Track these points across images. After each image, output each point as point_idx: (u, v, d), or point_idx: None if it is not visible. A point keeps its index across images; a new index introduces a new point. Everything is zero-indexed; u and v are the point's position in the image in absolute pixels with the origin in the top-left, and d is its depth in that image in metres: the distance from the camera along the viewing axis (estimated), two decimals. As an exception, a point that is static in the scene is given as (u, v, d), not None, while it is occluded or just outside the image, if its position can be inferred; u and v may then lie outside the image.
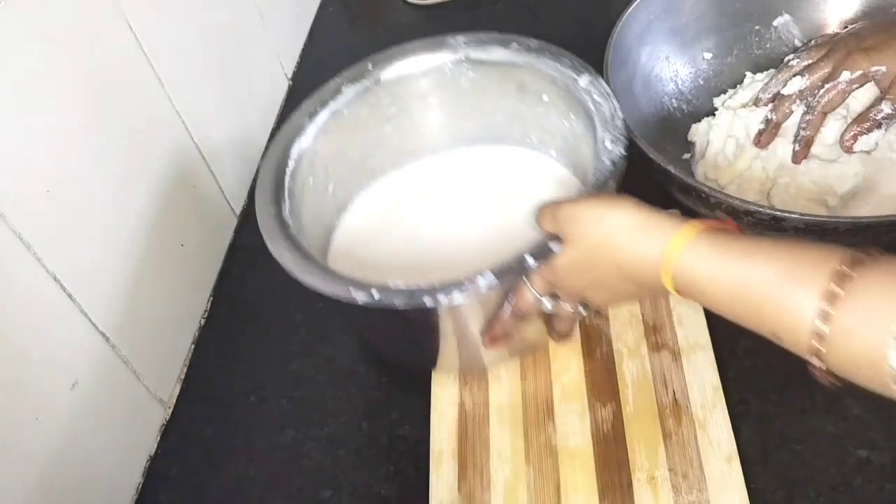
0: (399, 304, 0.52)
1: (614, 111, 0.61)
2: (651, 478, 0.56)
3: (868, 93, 0.66)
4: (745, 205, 0.58)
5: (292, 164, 0.65)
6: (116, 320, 0.62)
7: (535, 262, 0.52)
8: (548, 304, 0.55)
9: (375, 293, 0.53)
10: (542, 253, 0.53)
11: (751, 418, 0.58)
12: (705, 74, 0.79)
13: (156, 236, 0.67)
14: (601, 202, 0.51)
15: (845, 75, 0.65)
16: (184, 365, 0.71)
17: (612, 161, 0.58)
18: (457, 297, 0.52)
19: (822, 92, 0.66)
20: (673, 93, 0.78)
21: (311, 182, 0.67)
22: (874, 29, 0.66)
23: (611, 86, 0.64)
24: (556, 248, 0.52)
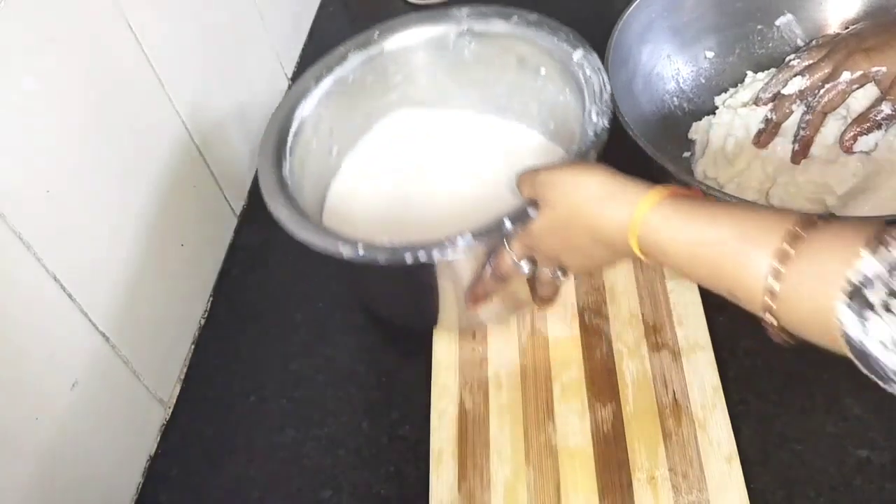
0: (381, 259, 0.55)
1: (603, 85, 0.63)
2: (651, 478, 0.56)
3: (868, 93, 0.66)
4: (745, 204, 0.58)
5: (295, 125, 0.68)
6: (116, 320, 0.62)
7: (512, 225, 0.55)
8: (525, 268, 0.57)
9: (361, 248, 0.56)
10: (520, 217, 0.55)
11: (751, 418, 0.58)
12: (707, 73, 0.79)
13: (156, 236, 0.67)
14: (577, 170, 0.53)
15: (846, 76, 0.65)
16: (184, 365, 0.71)
17: (595, 132, 0.60)
18: (436, 255, 0.55)
19: (822, 92, 0.66)
20: (674, 91, 0.78)
21: (314, 144, 0.69)
22: (875, 29, 0.67)
23: (612, 84, 0.64)
24: (533, 213, 0.55)
